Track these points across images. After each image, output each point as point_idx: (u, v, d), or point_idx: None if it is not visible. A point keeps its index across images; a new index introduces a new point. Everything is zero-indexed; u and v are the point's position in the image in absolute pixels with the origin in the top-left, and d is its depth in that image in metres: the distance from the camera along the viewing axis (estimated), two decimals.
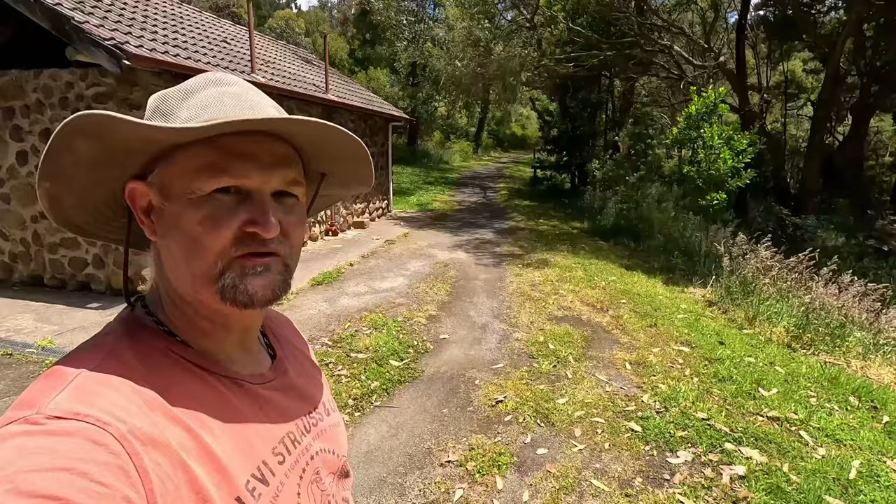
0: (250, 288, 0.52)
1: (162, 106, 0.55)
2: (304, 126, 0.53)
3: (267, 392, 0.60)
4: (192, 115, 0.52)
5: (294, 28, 48.16)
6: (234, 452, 0.51)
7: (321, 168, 0.64)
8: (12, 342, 4.00)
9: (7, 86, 5.16)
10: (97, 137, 0.49)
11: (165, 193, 0.52)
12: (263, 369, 0.63)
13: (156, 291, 0.59)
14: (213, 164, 0.51)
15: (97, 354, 0.49)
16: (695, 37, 12.38)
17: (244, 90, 0.56)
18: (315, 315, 4.93)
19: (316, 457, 0.62)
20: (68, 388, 0.45)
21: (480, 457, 2.79)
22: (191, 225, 0.51)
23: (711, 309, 5.85)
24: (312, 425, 0.64)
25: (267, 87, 6.45)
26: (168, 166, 0.52)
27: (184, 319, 0.56)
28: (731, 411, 3.36)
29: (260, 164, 0.53)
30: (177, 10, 7.57)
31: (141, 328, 0.55)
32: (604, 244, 9.30)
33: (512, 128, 41.17)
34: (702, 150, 7.84)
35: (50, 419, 0.42)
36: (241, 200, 0.52)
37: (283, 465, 0.56)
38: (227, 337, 0.59)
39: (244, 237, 0.52)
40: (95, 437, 0.42)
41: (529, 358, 4.14)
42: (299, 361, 0.72)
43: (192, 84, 0.56)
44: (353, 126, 9.91)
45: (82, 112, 0.46)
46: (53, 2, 4.48)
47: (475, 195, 15.95)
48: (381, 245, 8.32)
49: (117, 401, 0.45)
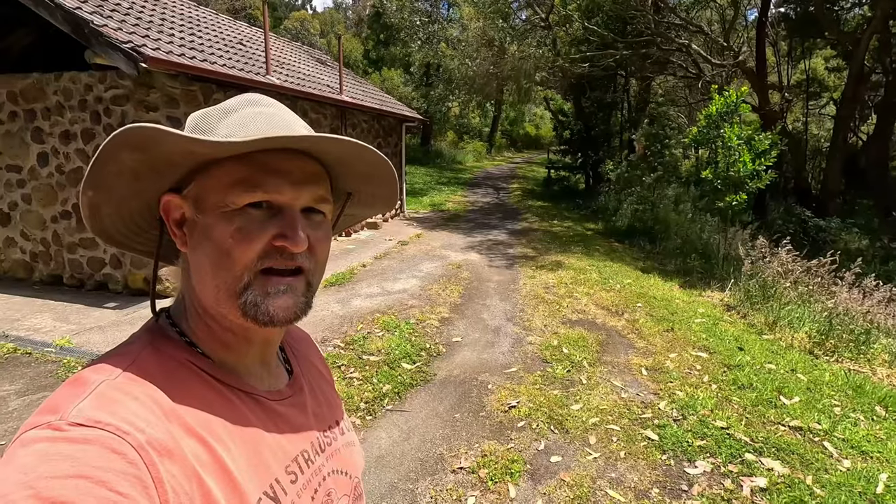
0: (271, 308, 0.54)
1: (202, 123, 0.57)
2: (337, 145, 0.55)
3: (283, 408, 0.61)
4: (231, 133, 0.54)
5: (309, 29, 48.57)
6: (247, 468, 0.52)
7: (348, 187, 0.67)
8: (31, 341, 4.07)
9: (29, 88, 5.26)
10: (142, 149, 0.51)
11: (199, 206, 0.55)
12: (280, 385, 0.64)
13: (181, 302, 0.60)
14: (247, 178, 0.53)
15: (121, 363, 0.51)
16: (713, 35, 12.15)
17: (279, 111, 0.59)
18: (327, 316, 4.93)
19: (328, 477, 0.62)
20: (91, 396, 0.46)
21: (493, 464, 2.75)
22: (222, 236, 0.53)
23: (730, 313, 5.72)
24: (327, 444, 0.65)
25: (282, 89, 6.49)
26: (204, 180, 0.55)
27: (206, 331, 0.58)
28: (751, 420, 3.27)
29: (291, 181, 0.55)
30: (193, 12, 7.65)
31: (164, 339, 0.56)
32: (619, 246, 9.18)
33: (525, 127, 40.96)
34: (721, 151, 7.69)
35: (72, 426, 0.43)
36: (272, 215, 0.54)
37: (295, 484, 0.56)
38: (248, 350, 0.60)
39: (272, 250, 0.54)
40: (115, 445, 0.43)
41: (543, 362, 4.09)
42: (315, 379, 0.72)
43: (232, 104, 0.59)
44: (367, 126, 9.93)
45: (131, 125, 0.48)
46: (73, 6, 4.55)
47: (488, 196, 15.88)
48: (394, 246, 8.32)
49: (137, 410, 0.46)
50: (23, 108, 5.33)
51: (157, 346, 0.55)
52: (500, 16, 13.98)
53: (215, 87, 5.71)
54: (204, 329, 0.58)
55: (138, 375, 0.50)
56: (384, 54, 26.28)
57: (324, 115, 8.18)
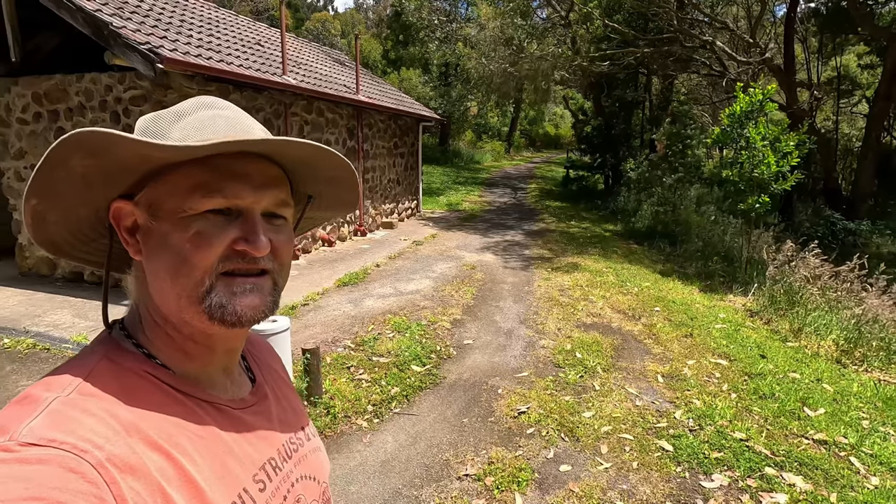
0: (238, 308, 0.52)
1: (152, 127, 0.54)
2: (298, 148, 0.54)
3: (248, 416, 0.60)
4: (186, 136, 0.52)
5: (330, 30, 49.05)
6: (214, 479, 0.50)
7: (308, 190, 0.65)
8: (50, 337, 4.16)
9: (52, 89, 5.38)
10: (94, 154, 0.48)
11: (154, 212, 0.53)
12: (244, 393, 0.63)
13: (136, 313, 0.58)
14: (207, 183, 0.51)
15: (74, 378, 0.48)
16: (739, 31, 11.80)
17: (236, 114, 0.57)
18: (339, 316, 4.93)
19: (297, 483, 0.61)
20: (43, 414, 0.44)
21: (500, 471, 2.69)
22: (180, 242, 0.51)
23: (753, 319, 5.53)
24: (293, 451, 0.63)
25: (298, 89, 6.52)
26: (158, 185, 0.52)
27: (166, 341, 0.56)
28: (772, 432, 3.13)
29: (252, 185, 0.53)
30: (212, 14, 7.74)
31: (120, 351, 0.54)
32: (637, 248, 8.99)
33: (545, 127, 40.63)
34: (744, 152, 7.45)
35: (24, 446, 0.41)
36: (232, 220, 0.53)
37: (263, 492, 0.55)
38: (211, 359, 0.58)
39: (233, 255, 0.52)
40: (72, 465, 0.41)
41: (555, 367, 4.00)
42: (278, 385, 0.71)
43: (185, 106, 0.56)
44: (384, 126, 9.94)
45: (82, 129, 0.46)
46: (94, 8, 4.63)
47: (505, 196, 15.77)
48: (409, 246, 8.30)
49: (95, 426, 0.44)
50: (47, 109, 5.46)
51: (113, 358, 0.52)
52: (519, 14, 13.85)
53: (232, 87, 5.77)
54: (163, 339, 0.56)
55: (94, 389, 0.47)
56: (403, 54, 26.33)
57: (340, 115, 8.21)
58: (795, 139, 6.97)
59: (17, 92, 5.54)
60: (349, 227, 8.84)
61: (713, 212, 9.39)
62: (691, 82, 18.14)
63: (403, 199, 11.21)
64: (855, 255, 6.00)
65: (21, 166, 5.72)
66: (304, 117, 7.28)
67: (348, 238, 8.78)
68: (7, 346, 4.00)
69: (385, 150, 10.11)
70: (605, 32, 12.53)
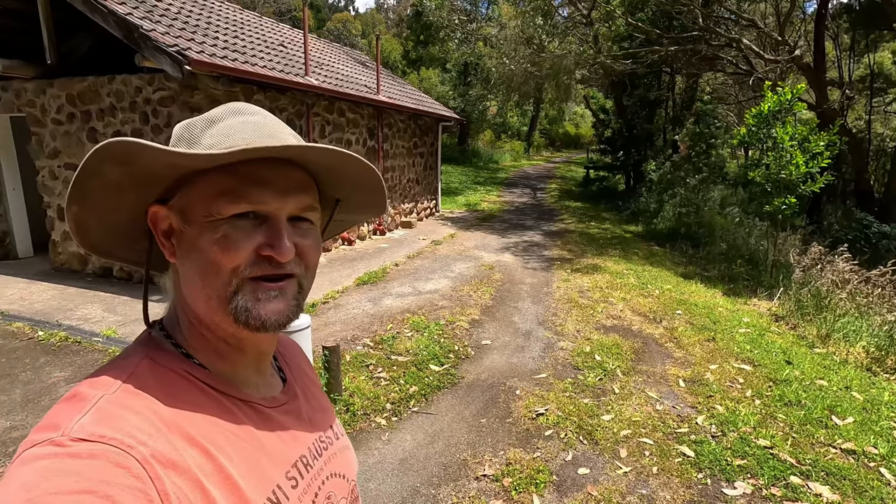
0: (263, 313, 0.54)
1: (185, 134, 0.57)
2: (322, 154, 0.55)
3: (280, 416, 0.61)
4: (215, 143, 0.54)
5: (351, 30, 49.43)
6: (249, 476, 0.52)
7: (336, 194, 0.66)
8: (81, 330, 4.30)
9: (85, 91, 5.56)
10: (124, 163, 0.50)
11: (185, 217, 0.55)
12: (275, 392, 0.64)
13: (173, 314, 0.60)
14: (232, 189, 0.53)
15: (118, 377, 0.50)
16: (767, 29, 11.51)
17: (265, 118, 0.59)
18: (358, 315, 4.98)
19: (328, 481, 0.63)
20: (91, 411, 0.46)
21: (518, 472, 2.69)
22: (208, 245, 0.53)
23: (778, 324, 5.40)
24: (324, 449, 0.65)
25: (319, 89, 6.60)
26: (189, 191, 0.54)
27: (201, 341, 0.58)
28: (798, 440, 3.06)
29: (277, 191, 0.54)
30: (238, 16, 7.89)
31: (160, 351, 0.56)
32: (659, 250, 8.85)
33: (565, 126, 40.25)
34: (771, 153, 7.27)
35: (75, 441, 0.43)
36: (258, 224, 0.54)
37: (296, 489, 0.57)
38: (242, 360, 0.60)
39: (259, 259, 0.54)
40: (119, 460, 0.43)
41: (574, 369, 3.97)
42: (307, 385, 0.73)
43: (216, 113, 0.58)
44: (403, 126, 9.99)
45: (112, 139, 0.48)
46: (125, 11, 4.77)
47: (524, 196, 15.69)
48: (427, 245, 8.33)
49: (139, 424, 0.46)
50: (80, 110, 5.65)
51: (154, 358, 0.55)
52: (540, 13, 13.75)
53: (256, 87, 5.87)
54: (199, 339, 0.58)
55: (137, 388, 0.49)
56: (423, 54, 26.40)
57: (361, 115, 8.28)
58: (826, 139, 6.78)
59: (52, 93, 5.74)
60: (369, 227, 8.91)
61: (738, 213, 9.18)
62: (717, 81, 17.76)
63: (422, 198, 11.25)
64: (887, 258, 5.81)
65: (55, 165, 5.92)
66: (325, 117, 7.36)
67: (368, 237, 8.85)
68: (42, 339, 4.15)
69: (405, 149, 10.17)
70: (627, 31, 12.35)
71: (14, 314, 4.63)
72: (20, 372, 3.61)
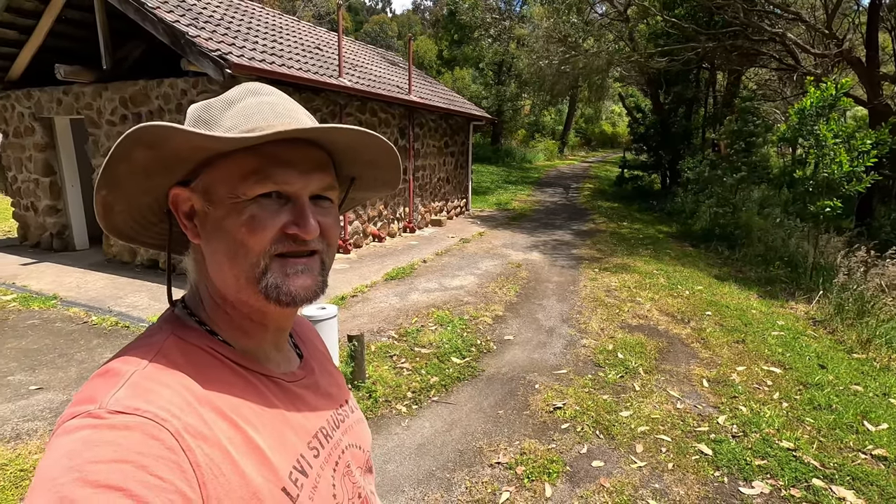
0: (292, 288, 0.56)
1: (204, 115, 0.58)
2: (345, 134, 0.57)
3: (299, 389, 0.64)
4: (236, 124, 0.55)
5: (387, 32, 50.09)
6: (276, 446, 0.54)
7: (352, 172, 0.68)
8: (129, 316, 4.63)
9: (136, 94, 5.95)
10: (152, 147, 0.52)
11: (209, 198, 0.56)
12: (294, 368, 0.67)
13: (196, 293, 0.62)
14: (257, 170, 0.54)
15: (147, 354, 0.52)
16: (814, 22, 11.01)
17: (281, 99, 0.60)
18: (385, 308, 5.13)
19: (346, 451, 0.65)
20: (126, 385, 0.48)
21: (531, 462, 2.75)
22: (235, 227, 0.54)
23: (815, 328, 5.21)
24: (340, 421, 0.68)
25: (352, 90, 6.81)
26: (212, 172, 0.56)
27: (225, 319, 0.60)
28: (824, 444, 2.99)
29: (300, 171, 0.56)
30: (277, 20, 8.22)
31: (185, 328, 0.58)
32: (692, 250, 8.64)
33: (602, 125, 39.52)
34: (813, 151, 6.98)
35: (112, 414, 0.45)
36: (283, 204, 0.56)
37: (317, 458, 0.59)
38: (265, 336, 0.62)
39: (284, 237, 0.56)
40: (154, 432, 0.44)
41: (595, 366, 3.98)
42: (321, 362, 0.75)
43: (233, 94, 0.59)
44: (434, 125, 10.12)
45: (141, 124, 0.50)
46: (173, 19, 5.09)
47: (556, 195, 15.56)
48: (456, 243, 8.43)
49: (171, 397, 0.48)
50: (131, 112, 6.04)
51: (180, 335, 0.56)
52: (574, 11, 13.61)
53: (292, 89, 6.12)
54: (222, 317, 0.60)
55: (166, 365, 0.51)
56: (457, 54, 26.53)
57: (392, 115, 8.46)
58: (873, 137, 6.46)
59: (107, 97, 6.17)
60: (399, 224, 9.09)
61: (778, 214, 8.84)
62: (761, 77, 17.08)
63: (453, 197, 11.36)
64: None
65: None
66: (357, 117, 7.58)
67: (398, 234, 9.03)
68: (95, 323, 4.49)
69: (435, 148, 10.30)
70: (664, 27, 12.07)
71: (71, 300, 5.03)
72: (75, 352, 3.93)
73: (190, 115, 0.60)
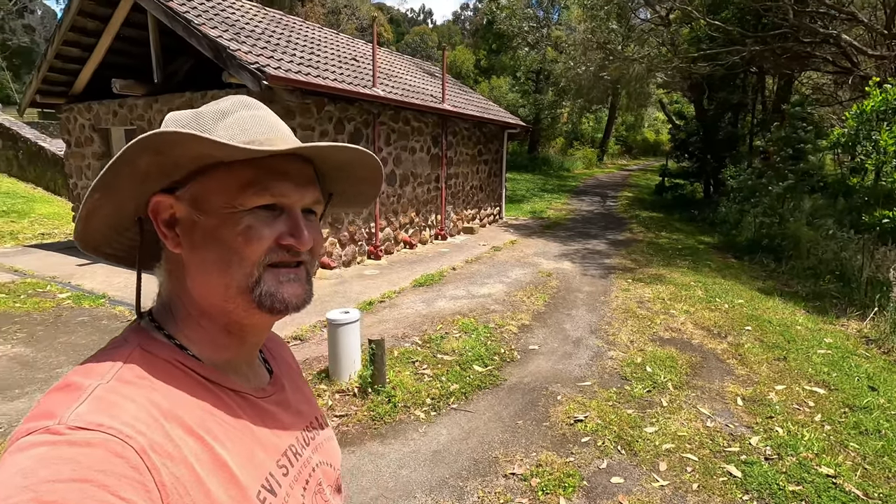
0: (286, 295, 0.57)
1: (193, 123, 0.57)
2: (343, 151, 0.60)
3: (269, 405, 0.63)
4: (232, 135, 0.55)
5: (428, 42, 50.85)
6: (244, 464, 0.53)
7: (332, 189, 0.69)
8: None
9: (183, 106, 6.29)
10: (159, 152, 0.51)
11: (200, 207, 0.55)
12: (264, 384, 0.66)
13: (166, 304, 0.59)
14: (255, 181, 0.55)
15: (112, 366, 0.50)
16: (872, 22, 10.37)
17: (268, 114, 0.61)
18: (411, 314, 5.17)
19: (317, 469, 0.65)
20: (88, 400, 0.45)
21: (547, 474, 2.69)
22: (231, 236, 0.54)
23: (868, 347, 4.85)
24: (311, 439, 0.67)
25: (385, 100, 6.95)
26: (205, 181, 0.55)
27: (199, 332, 0.58)
28: (870, 472, 2.77)
29: (296, 184, 0.58)
30: (316, 33, 8.51)
31: (152, 341, 0.56)
32: (735, 262, 8.25)
33: (644, 133, 38.57)
34: (870, 158, 6.56)
35: (73, 430, 0.42)
36: (277, 215, 0.57)
37: (287, 476, 0.58)
38: (240, 349, 0.61)
39: (277, 248, 0.56)
40: (118, 449, 0.42)
41: (622, 379, 3.86)
42: (292, 377, 0.74)
43: (225, 106, 0.59)
44: (468, 133, 10.17)
45: (157, 130, 0.49)
46: (216, 35, 5.36)
47: (593, 204, 15.26)
48: (487, 251, 8.40)
49: (137, 413, 0.46)
50: None
51: (146, 347, 0.54)
52: (614, 17, 13.40)
53: (327, 99, 6.31)
54: (196, 330, 0.58)
55: (131, 378, 0.49)
56: (494, 63, 26.64)
57: (425, 124, 8.56)
58: None
59: (156, 108, 6.55)
60: (430, 231, 9.16)
61: (831, 225, 8.32)
62: (815, 81, 16.22)
63: (486, 205, 11.35)
64: None
65: None
66: (391, 126, 7.71)
67: (429, 241, 9.09)
68: (128, 317, 4.74)
69: (468, 157, 10.34)
70: (707, 31, 11.69)
71: (118, 299, 5.33)
72: None
73: (172, 120, 0.59)
